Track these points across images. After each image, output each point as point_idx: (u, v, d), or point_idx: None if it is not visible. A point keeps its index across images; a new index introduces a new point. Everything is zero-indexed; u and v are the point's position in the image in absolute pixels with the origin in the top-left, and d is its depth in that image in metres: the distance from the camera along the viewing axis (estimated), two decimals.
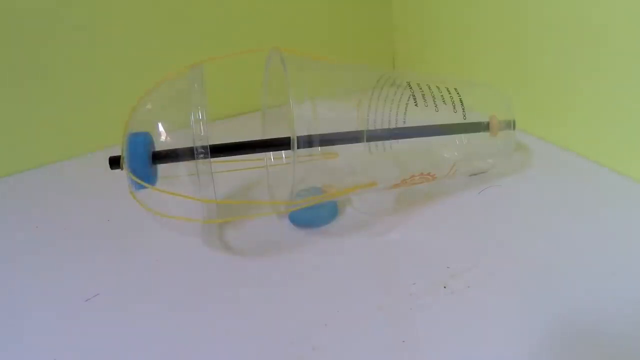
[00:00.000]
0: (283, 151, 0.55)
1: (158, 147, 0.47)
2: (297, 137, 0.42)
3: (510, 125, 0.51)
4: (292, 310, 0.39)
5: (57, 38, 0.65)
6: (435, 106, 0.48)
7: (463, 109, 0.49)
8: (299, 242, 0.47)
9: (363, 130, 0.47)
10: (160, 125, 0.47)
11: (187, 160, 0.46)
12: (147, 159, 0.46)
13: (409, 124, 0.48)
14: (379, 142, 0.48)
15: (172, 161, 0.47)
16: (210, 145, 0.42)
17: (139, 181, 0.45)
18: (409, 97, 0.48)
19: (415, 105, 0.48)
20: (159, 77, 0.48)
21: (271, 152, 0.55)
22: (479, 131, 0.51)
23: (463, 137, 0.52)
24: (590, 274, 0.39)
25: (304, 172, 0.50)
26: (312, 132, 0.46)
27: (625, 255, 0.41)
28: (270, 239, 0.48)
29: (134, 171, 0.45)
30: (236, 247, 0.48)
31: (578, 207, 0.47)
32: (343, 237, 0.47)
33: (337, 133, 0.48)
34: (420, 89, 0.48)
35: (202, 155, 0.42)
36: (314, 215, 0.49)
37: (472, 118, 0.50)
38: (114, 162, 0.46)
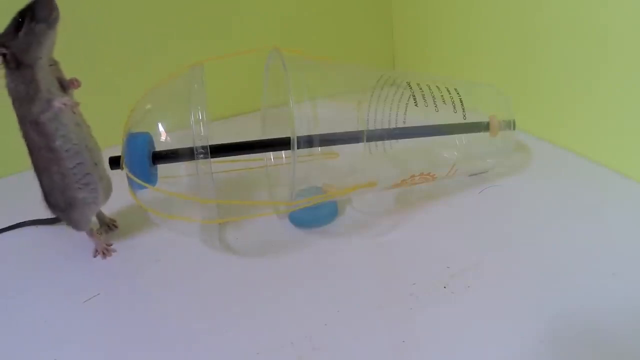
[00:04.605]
0: (283, 151, 0.55)
1: (158, 147, 0.47)
2: (297, 137, 0.42)
3: (510, 125, 0.51)
4: (292, 310, 0.39)
5: (56, 38, 0.65)
6: (435, 106, 0.48)
7: (463, 109, 0.49)
8: (299, 242, 0.47)
9: (363, 130, 0.47)
10: (160, 125, 0.47)
11: (187, 160, 0.46)
12: (147, 159, 0.46)
13: (409, 124, 0.48)
14: (379, 142, 0.48)
15: (172, 161, 0.47)
16: (210, 145, 0.42)
17: (138, 181, 0.45)
18: (409, 97, 0.48)
19: (415, 105, 0.48)
20: (159, 77, 0.48)
21: (271, 152, 0.55)
22: (479, 131, 0.51)
23: (463, 137, 0.52)
24: (590, 274, 0.39)
25: (304, 172, 0.50)
26: (312, 132, 0.46)
27: (625, 255, 0.41)
28: (270, 239, 0.48)
29: (133, 171, 0.45)
30: (236, 247, 0.48)
31: (578, 207, 0.47)
32: (343, 237, 0.47)
33: (337, 133, 0.48)
34: (420, 89, 0.48)
35: (202, 155, 0.42)
36: (314, 215, 0.49)
37: (472, 118, 0.50)
38: (114, 162, 0.46)
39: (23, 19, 0.40)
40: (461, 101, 0.49)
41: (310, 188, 0.49)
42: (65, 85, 0.44)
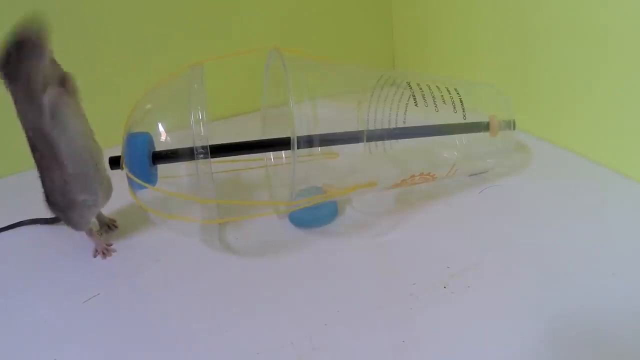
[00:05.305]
0: (283, 151, 0.55)
1: (158, 147, 0.47)
2: (297, 137, 0.42)
3: (510, 125, 0.51)
4: (292, 310, 0.39)
5: (56, 38, 0.65)
6: (435, 106, 0.48)
7: (463, 109, 0.49)
8: (299, 242, 0.47)
9: (363, 130, 0.47)
10: (160, 125, 0.47)
11: (187, 160, 0.46)
12: (147, 159, 0.46)
13: (409, 124, 0.48)
14: (379, 142, 0.48)
15: (172, 161, 0.47)
16: (210, 145, 0.42)
17: (138, 181, 0.45)
18: (409, 97, 0.48)
19: (415, 105, 0.48)
20: (159, 77, 0.48)
21: (271, 152, 0.55)
22: (479, 131, 0.51)
23: (463, 137, 0.52)
24: (590, 274, 0.39)
25: (304, 172, 0.50)
26: (312, 132, 0.46)
27: (625, 255, 0.41)
28: (270, 239, 0.48)
29: (133, 171, 0.45)
30: (236, 247, 0.48)
31: (578, 207, 0.47)
32: (343, 237, 0.47)
33: (337, 133, 0.48)
34: (420, 89, 0.48)
35: (202, 155, 0.42)
36: (314, 215, 0.49)
37: (472, 118, 0.50)
38: (114, 162, 0.46)
39: (12, 52, 0.39)
40: (461, 101, 0.49)
41: (310, 188, 0.49)
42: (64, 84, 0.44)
